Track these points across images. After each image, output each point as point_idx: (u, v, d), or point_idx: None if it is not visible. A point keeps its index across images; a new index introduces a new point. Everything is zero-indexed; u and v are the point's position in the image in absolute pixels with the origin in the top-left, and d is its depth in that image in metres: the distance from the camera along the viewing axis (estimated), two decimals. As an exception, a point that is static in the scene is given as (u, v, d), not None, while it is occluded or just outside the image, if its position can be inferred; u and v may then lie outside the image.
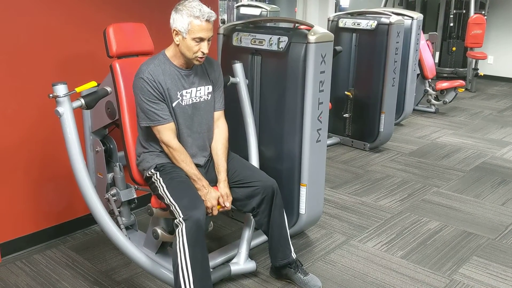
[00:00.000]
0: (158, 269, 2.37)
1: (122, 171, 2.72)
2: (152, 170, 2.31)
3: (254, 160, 2.76)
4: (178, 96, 2.27)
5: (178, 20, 2.16)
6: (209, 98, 2.38)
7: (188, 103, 2.30)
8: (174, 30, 2.19)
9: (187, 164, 2.27)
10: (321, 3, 7.11)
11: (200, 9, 2.14)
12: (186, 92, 2.29)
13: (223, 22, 7.92)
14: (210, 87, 2.38)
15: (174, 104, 2.26)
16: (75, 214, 3.01)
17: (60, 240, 2.94)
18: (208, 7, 2.20)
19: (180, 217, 2.08)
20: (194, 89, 2.32)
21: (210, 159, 2.46)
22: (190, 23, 2.14)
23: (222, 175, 2.36)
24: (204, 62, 2.36)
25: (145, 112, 2.22)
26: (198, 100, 2.34)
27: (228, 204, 2.32)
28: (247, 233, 2.60)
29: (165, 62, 2.26)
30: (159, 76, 2.21)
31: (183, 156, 2.27)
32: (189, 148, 2.35)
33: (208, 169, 2.44)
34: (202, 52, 2.19)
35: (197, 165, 2.35)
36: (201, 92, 2.35)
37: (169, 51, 2.28)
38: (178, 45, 2.21)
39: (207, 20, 2.15)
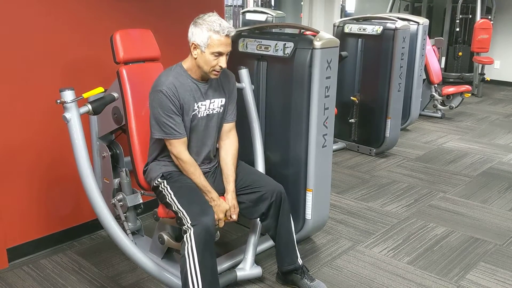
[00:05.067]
0: (164, 274, 2.37)
1: (128, 176, 2.73)
2: (159, 179, 2.32)
3: (260, 165, 2.77)
4: (195, 108, 2.26)
5: (197, 34, 2.15)
6: (221, 111, 2.38)
7: (203, 115, 2.31)
8: (192, 43, 2.18)
9: (196, 177, 2.27)
10: (327, 8, 7.12)
11: (220, 23, 2.13)
12: (202, 104, 2.29)
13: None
14: (224, 100, 2.37)
15: (191, 116, 2.26)
16: (82, 219, 3.02)
17: (66, 245, 2.95)
18: (228, 22, 2.20)
19: (188, 223, 2.08)
20: (208, 101, 2.31)
21: (217, 169, 2.46)
22: (210, 37, 2.13)
23: (230, 186, 2.36)
24: (220, 75, 2.35)
25: (161, 124, 2.20)
26: (211, 112, 2.34)
27: (234, 217, 2.33)
28: (253, 239, 2.60)
29: (183, 74, 2.25)
30: (178, 88, 2.20)
31: (193, 168, 2.27)
32: (196, 159, 2.35)
33: (215, 179, 2.44)
34: (220, 66, 2.19)
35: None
36: (215, 105, 2.34)
37: (186, 64, 2.28)
38: (195, 58, 2.20)
39: (227, 35, 2.15)
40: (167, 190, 2.26)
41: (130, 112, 2.43)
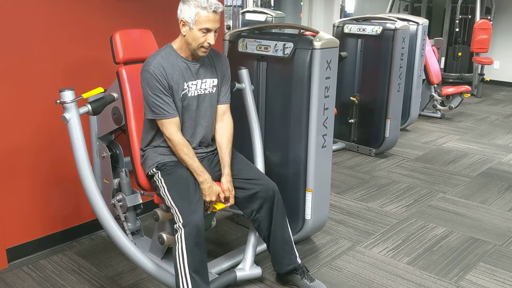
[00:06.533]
0: (164, 274, 2.37)
1: (128, 177, 2.73)
2: (154, 169, 2.33)
3: (260, 165, 2.76)
4: (185, 87, 2.28)
5: (186, 11, 2.17)
6: (213, 91, 2.39)
7: (193, 95, 2.31)
8: (181, 20, 2.21)
9: (190, 157, 2.27)
10: (326, 9, 7.14)
11: (208, 0, 2.16)
12: (192, 84, 2.30)
13: (229, 28, 7.95)
14: (216, 80, 2.38)
15: (181, 96, 2.27)
16: (82, 220, 3.02)
17: (66, 246, 2.95)
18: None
19: (180, 222, 2.10)
20: (199, 81, 2.33)
21: (216, 156, 2.46)
22: (197, 14, 2.15)
23: (226, 169, 2.36)
24: (212, 55, 2.38)
25: (151, 105, 2.23)
26: (203, 92, 2.35)
27: (231, 200, 2.33)
28: (252, 239, 2.60)
29: (172, 53, 2.27)
30: (166, 69, 2.22)
31: (186, 149, 2.27)
32: (191, 141, 2.35)
33: (211, 163, 2.44)
34: (208, 43, 2.20)
35: (199, 159, 2.36)
36: (206, 85, 2.35)
37: (176, 43, 2.30)
38: (184, 35, 2.22)
39: (214, 11, 2.17)
40: (161, 182, 2.27)
41: (130, 112, 2.43)
